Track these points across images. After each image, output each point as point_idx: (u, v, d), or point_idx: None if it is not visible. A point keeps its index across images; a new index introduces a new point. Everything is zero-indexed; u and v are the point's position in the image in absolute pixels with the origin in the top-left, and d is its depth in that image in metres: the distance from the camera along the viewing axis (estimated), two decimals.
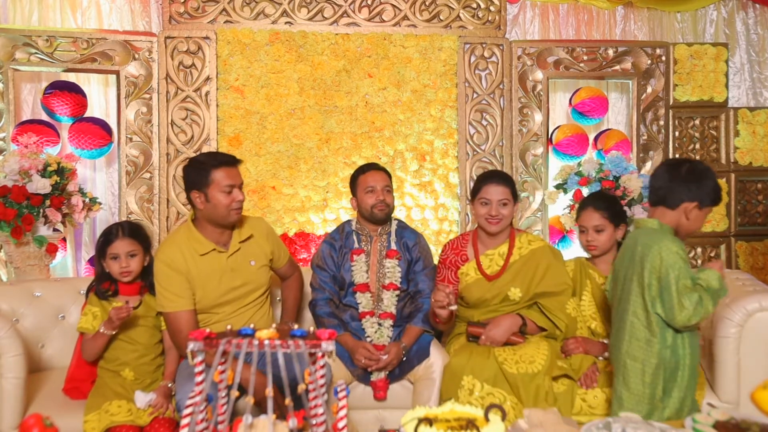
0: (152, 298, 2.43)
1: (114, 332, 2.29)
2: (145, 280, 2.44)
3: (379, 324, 2.60)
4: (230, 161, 2.36)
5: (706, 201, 2.04)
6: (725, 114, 3.86)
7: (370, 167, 2.74)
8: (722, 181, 3.81)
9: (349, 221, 2.79)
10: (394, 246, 2.69)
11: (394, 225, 2.75)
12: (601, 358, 2.41)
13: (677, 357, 1.98)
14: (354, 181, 2.73)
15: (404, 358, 2.54)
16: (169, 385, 2.32)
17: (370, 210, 2.65)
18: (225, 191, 2.30)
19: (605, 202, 2.56)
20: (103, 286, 2.38)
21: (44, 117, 3.51)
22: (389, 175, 2.75)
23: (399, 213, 3.64)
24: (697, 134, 3.84)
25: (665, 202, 2.06)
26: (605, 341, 2.45)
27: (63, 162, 3.11)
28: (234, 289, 2.40)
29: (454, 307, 2.33)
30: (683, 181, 2.03)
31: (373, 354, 2.47)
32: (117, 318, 2.23)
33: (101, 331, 2.28)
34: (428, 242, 3.62)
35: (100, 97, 3.75)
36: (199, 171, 2.31)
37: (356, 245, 2.68)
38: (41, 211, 3.01)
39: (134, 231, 2.40)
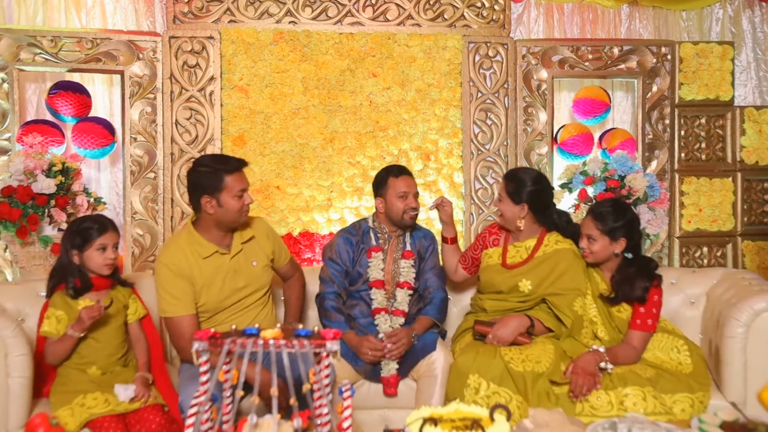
0: (119, 291, 2.36)
1: (83, 334, 2.20)
2: (114, 275, 2.36)
3: (391, 320, 2.60)
4: (242, 165, 2.35)
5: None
6: (731, 113, 3.83)
7: (402, 171, 2.69)
8: (728, 180, 3.79)
9: (365, 219, 2.81)
10: (409, 247, 2.71)
11: None
12: (602, 364, 2.35)
13: None
14: (384, 182, 2.67)
15: (415, 342, 2.53)
16: (146, 375, 2.28)
17: (401, 215, 2.64)
18: (237, 196, 2.30)
19: (606, 215, 2.44)
20: (76, 282, 2.25)
21: (49, 117, 3.52)
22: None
23: None
24: (702, 133, 3.82)
25: None
26: (600, 348, 2.37)
27: (68, 162, 3.12)
28: (237, 291, 2.40)
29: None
30: None
31: (378, 345, 2.47)
32: (88, 318, 2.14)
33: (69, 333, 2.18)
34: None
35: (105, 97, 3.75)
36: (212, 176, 2.28)
37: (374, 243, 2.69)
38: (46, 210, 3.02)
39: (114, 224, 2.34)
